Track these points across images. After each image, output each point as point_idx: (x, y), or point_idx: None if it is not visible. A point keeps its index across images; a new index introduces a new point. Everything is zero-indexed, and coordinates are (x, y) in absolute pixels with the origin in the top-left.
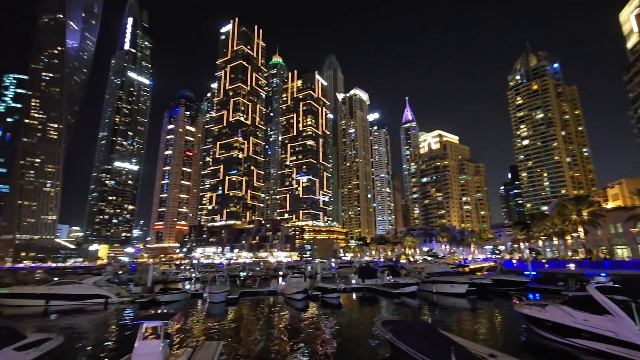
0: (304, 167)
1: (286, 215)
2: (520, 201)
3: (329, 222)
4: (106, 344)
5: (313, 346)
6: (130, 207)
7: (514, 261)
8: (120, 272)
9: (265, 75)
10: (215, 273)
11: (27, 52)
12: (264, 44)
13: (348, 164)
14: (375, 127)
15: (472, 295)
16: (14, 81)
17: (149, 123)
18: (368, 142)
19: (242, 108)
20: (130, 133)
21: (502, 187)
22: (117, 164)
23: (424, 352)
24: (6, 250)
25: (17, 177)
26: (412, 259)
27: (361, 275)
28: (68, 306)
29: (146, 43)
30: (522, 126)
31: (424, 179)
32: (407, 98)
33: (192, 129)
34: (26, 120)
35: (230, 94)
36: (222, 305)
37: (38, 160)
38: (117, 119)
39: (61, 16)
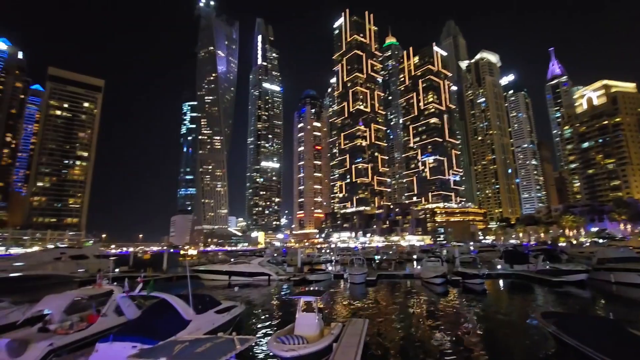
0: (429, 147)
1: (414, 199)
2: None
3: (463, 203)
4: (273, 312)
5: (456, 332)
6: (277, 200)
7: None
8: (275, 255)
9: (380, 59)
10: (352, 256)
11: (194, 83)
12: (375, 28)
13: (480, 138)
14: (510, 92)
15: None
16: (189, 107)
17: (283, 124)
18: (503, 109)
19: (361, 97)
20: (269, 136)
21: None
22: (263, 163)
23: (608, 353)
24: (199, 237)
25: (199, 181)
26: (574, 242)
27: (508, 260)
28: (243, 281)
29: (274, 54)
30: None
31: (585, 144)
32: (551, 49)
33: (318, 125)
34: (199, 137)
35: (349, 85)
36: (362, 286)
37: (210, 167)
38: (259, 125)
39: (212, 48)
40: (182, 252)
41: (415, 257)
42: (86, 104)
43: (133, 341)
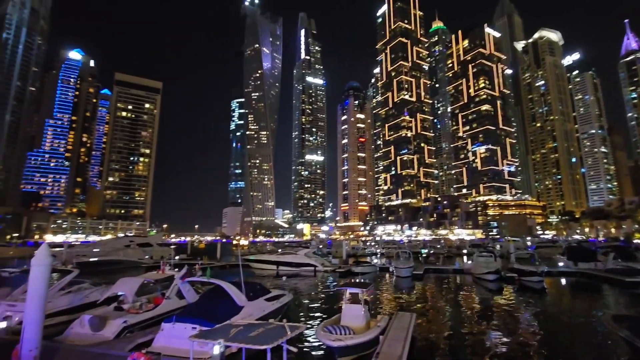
0: (480, 136)
1: (464, 191)
2: None
3: (519, 195)
4: (319, 303)
5: (511, 333)
6: (321, 192)
7: None
8: (320, 246)
9: (426, 45)
10: (398, 249)
11: (241, 81)
12: (421, 13)
13: (538, 125)
14: (575, 72)
15: None
16: (237, 104)
17: (326, 118)
18: (566, 92)
19: (406, 86)
20: (313, 129)
21: None
22: (307, 157)
23: None
24: (248, 229)
25: (247, 175)
26: None
27: (572, 257)
28: (290, 271)
29: (317, 48)
30: None
31: None
32: (626, 21)
33: (362, 116)
34: (247, 132)
35: (393, 74)
36: (409, 280)
37: (257, 161)
38: (303, 119)
39: (257, 46)
40: (234, 242)
41: (465, 251)
42: (147, 105)
43: (193, 323)
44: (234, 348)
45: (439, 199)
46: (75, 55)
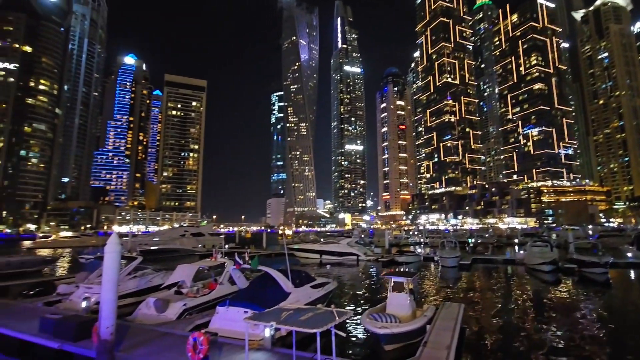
0: (533, 117)
1: (515, 177)
2: None
3: (578, 180)
4: (362, 291)
5: (570, 329)
6: (362, 182)
7: None
8: (362, 236)
9: (469, 23)
10: (443, 239)
11: (280, 74)
12: None
13: (601, 102)
14: None
15: None
16: (277, 97)
17: (365, 106)
18: (635, 64)
19: (448, 68)
20: (352, 119)
21: None
22: (347, 146)
23: None
24: (291, 219)
25: (288, 167)
26: None
27: None
28: (333, 260)
29: (354, 35)
30: None
31: None
32: None
33: (402, 103)
34: (287, 125)
35: (434, 57)
36: (455, 270)
37: (298, 152)
38: (341, 109)
39: (294, 38)
40: (280, 231)
41: (516, 241)
42: (194, 103)
43: (245, 307)
44: (283, 331)
45: (487, 186)
46: (129, 60)
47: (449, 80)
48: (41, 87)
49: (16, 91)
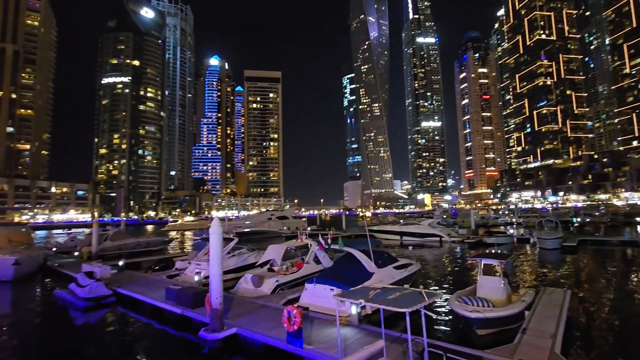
0: None
1: (635, 143)
2: None
3: None
4: (447, 273)
5: None
6: (441, 160)
7: None
8: (444, 217)
9: None
10: (540, 218)
11: (350, 56)
12: None
13: None
14: None
15: None
16: (348, 80)
17: (441, 79)
18: None
19: (541, 23)
20: (428, 94)
21: None
22: (423, 124)
23: None
24: (369, 201)
25: (363, 149)
26: None
27: None
28: (414, 242)
29: (426, 3)
30: None
31: None
32: None
33: (484, 70)
34: (360, 107)
35: (522, 12)
36: (557, 253)
37: (372, 134)
38: (416, 84)
39: (362, 16)
40: (360, 213)
41: (639, 219)
42: (271, 95)
43: (331, 285)
44: (368, 309)
45: (596, 156)
46: (214, 61)
47: (543, 36)
48: (149, 94)
49: (131, 100)
